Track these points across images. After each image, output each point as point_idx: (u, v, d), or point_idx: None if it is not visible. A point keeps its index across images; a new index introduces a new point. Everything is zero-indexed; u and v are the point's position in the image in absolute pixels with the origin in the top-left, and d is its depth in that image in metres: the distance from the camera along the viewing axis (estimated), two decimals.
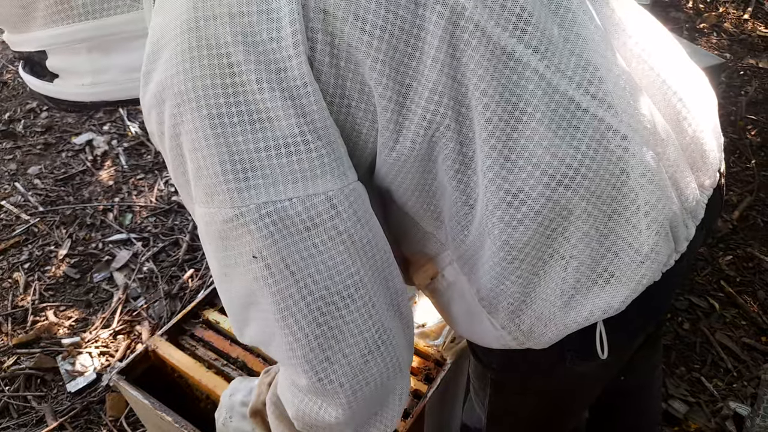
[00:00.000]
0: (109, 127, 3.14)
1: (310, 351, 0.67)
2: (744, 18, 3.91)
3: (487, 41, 0.63)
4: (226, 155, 0.60)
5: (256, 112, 0.59)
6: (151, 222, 2.59)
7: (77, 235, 2.54)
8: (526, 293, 0.74)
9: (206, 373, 1.29)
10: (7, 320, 2.20)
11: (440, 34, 0.62)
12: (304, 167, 0.61)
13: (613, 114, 0.68)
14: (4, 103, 3.30)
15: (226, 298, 0.72)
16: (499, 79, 0.64)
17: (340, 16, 0.60)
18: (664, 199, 0.71)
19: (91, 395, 1.96)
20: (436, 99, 0.64)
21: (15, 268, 2.40)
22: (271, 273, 0.63)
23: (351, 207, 0.63)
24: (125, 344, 2.11)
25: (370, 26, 0.61)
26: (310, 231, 0.62)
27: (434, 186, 0.72)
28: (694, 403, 1.86)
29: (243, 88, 0.59)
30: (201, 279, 2.33)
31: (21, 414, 1.92)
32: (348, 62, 0.62)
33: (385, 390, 0.74)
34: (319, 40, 0.60)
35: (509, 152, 0.66)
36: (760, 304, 2.17)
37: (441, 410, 1.34)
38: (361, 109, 0.65)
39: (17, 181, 2.81)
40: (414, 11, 0.62)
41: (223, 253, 0.66)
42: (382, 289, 0.69)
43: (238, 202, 0.61)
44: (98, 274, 2.37)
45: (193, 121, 0.60)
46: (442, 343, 1.31)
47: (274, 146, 0.60)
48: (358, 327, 0.67)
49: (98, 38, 0.71)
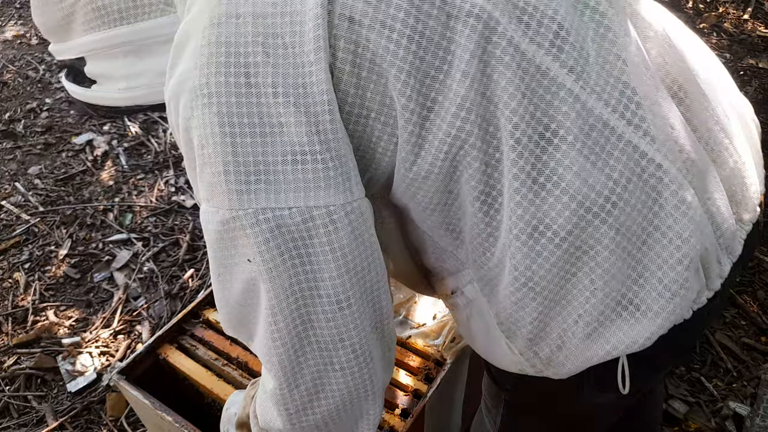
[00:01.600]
0: (110, 127, 3.14)
1: (286, 359, 0.67)
2: (744, 18, 3.91)
3: (520, 58, 0.60)
4: (230, 155, 0.59)
5: (267, 116, 0.58)
6: (151, 222, 2.59)
7: (77, 235, 2.54)
8: (545, 321, 0.71)
9: (206, 373, 1.29)
10: (8, 320, 2.20)
11: (471, 48, 0.59)
12: (308, 178, 0.60)
13: (649, 141, 0.64)
14: (5, 103, 3.30)
15: (218, 289, 0.72)
16: (531, 98, 0.61)
17: (366, 23, 0.58)
18: (697, 234, 0.67)
19: (91, 395, 1.96)
20: (463, 115, 0.61)
21: (15, 268, 2.40)
22: (262, 278, 0.63)
23: (350, 225, 0.62)
24: (125, 344, 2.11)
25: (397, 35, 0.58)
26: (305, 241, 0.61)
27: (455, 206, 0.69)
28: (693, 403, 1.86)
29: (257, 90, 0.58)
30: (201, 279, 2.33)
31: (21, 414, 1.92)
32: (370, 72, 0.60)
33: (353, 412, 0.73)
34: (342, 48, 0.59)
35: (537, 175, 0.63)
36: (759, 304, 2.17)
37: (441, 410, 1.34)
38: (380, 121, 0.63)
39: (17, 181, 2.81)
40: (445, 23, 0.59)
41: (219, 252, 0.66)
42: (368, 310, 0.68)
43: (236, 204, 0.60)
44: (98, 274, 2.37)
45: (203, 117, 0.60)
46: (442, 343, 1.31)
47: (280, 152, 0.59)
48: (334, 343, 0.66)
49: (133, 42, 0.72)
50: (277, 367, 0.68)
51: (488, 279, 0.73)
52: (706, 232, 0.69)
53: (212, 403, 1.31)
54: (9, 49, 3.73)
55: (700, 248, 0.68)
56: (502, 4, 0.61)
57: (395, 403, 1.20)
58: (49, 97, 3.34)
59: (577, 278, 0.68)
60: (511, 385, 0.90)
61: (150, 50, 0.73)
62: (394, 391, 1.23)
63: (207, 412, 1.31)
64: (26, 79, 3.47)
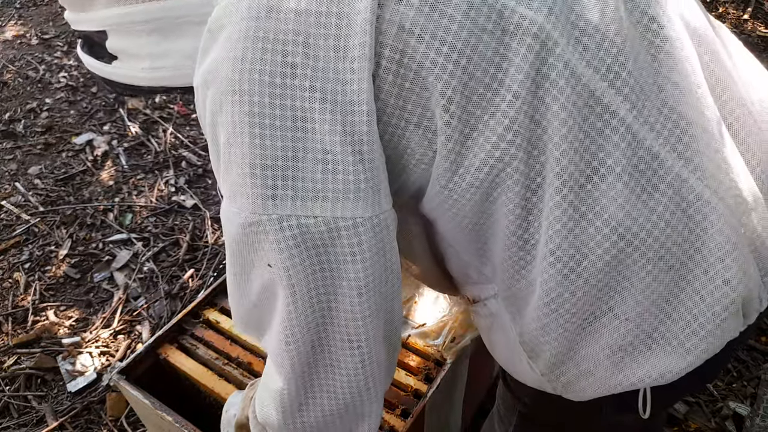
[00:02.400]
0: (110, 127, 3.14)
1: (297, 362, 0.66)
2: (744, 18, 3.91)
3: (575, 82, 0.57)
4: (258, 158, 0.56)
5: (301, 120, 0.55)
6: (151, 222, 2.59)
7: (77, 235, 2.54)
8: (571, 347, 0.69)
9: (207, 372, 1.29)
10: (8, 320, 2.20)
11: (526, 69, 0.56)
12: (338, 188, 0.57)
13: (699, 177, 0.62)
14: (5, 103, 3.30)
15: (233, 287, 0.70)
16: (582, 125, 0.58)
17: (416, 33, 0.54)
18: (740, 274, 0.64)
19: (91, 395, 1.96)
20: (509, 138, 0.58)
21: (15, 268, 2.40)
22: (282, 284, 0.61)
23: (375, 237, 0.60)
24: (125, 344, 2.11)
25: (447, 48, 0.55)
26: (327, 249, 0.59)
27: (486, 226, 0.66)
28: (693, 403, 1.86)
29: (292, 92, 0.55)
30: (201, 279, 2.33)
31: (21, 414, 1.92)
32: (414, 84, 0.56)
33: (354, 413, 0.72)
34: (386, 56, 0.55)
35: (580, 203, 0.60)
36: None
37: (441, 410, 1.34)
38: (417, 134, 0.60)
39: (17, 181, 2.81)
40: (500, 39, 0.56)
41: (238, 252, 0.64)
42: (381, 320, 0.67)
43: (261, 209, 0.57)
44: (98, 274, 2.37)
45: (232, 114, 0.56)
46: (442, 343, 1.31)
47: (311, 159, 0.56)
48: (344, 350, 0.65)
49: (163, 20, 0.67)
50: (288, 369, 0.67)
51: (515, 299, 0.71)
52: (750, 272, 0.66)
53: (212, 403, 1.31)
54: (9, 49, 3.73)
55: (743, 290, 0.65)
56: (562, 24, 0.57)
57: (395, 403, 1.20)
58: (49, 97, 3.34)
59: (608, 307, 0.66)
60: (529, 398, 0.88)
61: (180, 30, 0.68)
62: (394, 391, 1.23)
63: (207, 412, 1.31)
64: (26, 79, 3.47)
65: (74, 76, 3.48)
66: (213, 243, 2.48)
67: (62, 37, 3.84)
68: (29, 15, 4.09)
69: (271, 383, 0.72)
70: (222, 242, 2.49)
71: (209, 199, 2.73)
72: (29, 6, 4.18)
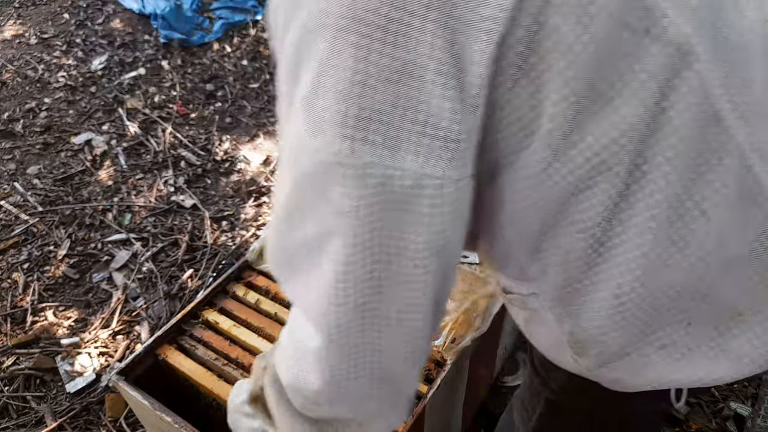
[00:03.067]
0: (108, 126, 3.13)
1: (344, 321, 0.60)
2: None
3: (703, 99, 0.54)
4: (356, 97, 0.51)
5: (412, 65, 0.49)
6: (150, 222, 2.59)
7: (76, 235, 2.54)
8: (625, 346, 0.67)
9: (206, 373, 1.28)
10: (7, 320, 2.20)
11: (660, 78, 0.52)
12: (433, 146, 0.52)
13: None
14: (3, 103, 3.30)
15: (280, 224, 0.63)
16: (698, 145, 0.55)
17: (563, 11, 0.50)
18: None
19: (90, 396, 1.96)
20: (623, 143, 0.54)
21: (14, 269, 2.39)
22: (346, 234, 0.55)
23: (456, 201, 0.55)
24: (124, 344, 2.10)
25: (587, 37, 0.50)
26: (404, 206, 0.54)
27: (556, 223, 0.62)
28: (695, 403, 1.86)
29: (407, 33, 0.49)
30: (200, 279, 2.33)
31: (20, 414, 1.92)
32: (539, 61, 0.52)
33: (392, 384, 0.67)
34: (523, 26, 0.49)
35: (676, 219, 0.58)
36: None
37: (441, 410, 1.34)
38: (522, 111, 0.55)
39: (16, 180, 2.81)
40: (640, 39, 0.52)
41: (300, 192, 0.58)
42: (436, 287, 0.61)
43: (346, 151, 0.52)
44: (97, 275, 2.37)
45: (334, 41, 0.50)
46: (442, 343, 1.30)
47: (412, 110, 0.51)
48: (400, 312, 0.60)
49: None
50: (333, 326, 0.61)
51: (565, 303, 0.67)
52: None
53: (212, 404, 1.30)
54: (8, 48, 3.73)
55: None
56: (708, 41, 0.54)
57: None
58: (48, 96, 3.34)
59: (684, 314, 0.65)
60: (558, 385, 0.86)
61: None
62: None
63: (206, 413, 1.31)
64: (25, 79, 3.47)
65: (73, 76, 3.48)
66: (212, 243, 2.47)
67: (61, 37, 3.84)
68: (28, 14, 4.09)
69: (310, 341, 0.65)
70: (221, 242, 2.49)
71: (208, 199, 2.72)
72: (28, 5, 4.18)
